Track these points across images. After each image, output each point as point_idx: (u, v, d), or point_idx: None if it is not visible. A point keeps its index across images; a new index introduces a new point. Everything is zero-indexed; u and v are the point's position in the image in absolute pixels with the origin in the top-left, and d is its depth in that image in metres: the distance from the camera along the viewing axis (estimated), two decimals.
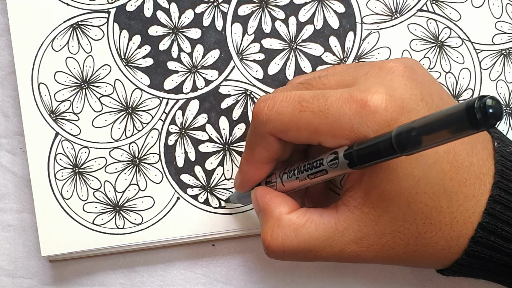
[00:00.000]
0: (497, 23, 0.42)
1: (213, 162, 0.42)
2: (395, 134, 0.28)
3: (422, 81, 0.34)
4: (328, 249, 0.34)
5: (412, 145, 0.27)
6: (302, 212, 0.35)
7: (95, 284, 0.44)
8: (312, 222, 0.34)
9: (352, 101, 0.32)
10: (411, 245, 0.34)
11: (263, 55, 0.42)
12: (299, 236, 0.34)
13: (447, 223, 0.33)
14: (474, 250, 0.34)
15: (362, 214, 0.33)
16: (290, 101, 0.34)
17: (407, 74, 0.33)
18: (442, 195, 0.33)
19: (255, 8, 0.42)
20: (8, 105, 0.44)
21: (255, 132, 0.36)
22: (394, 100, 0.31)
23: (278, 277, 0.43)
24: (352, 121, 0.31)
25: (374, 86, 0.32)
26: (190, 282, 0.43)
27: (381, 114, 0.31)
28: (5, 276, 0.44)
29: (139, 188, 0.42)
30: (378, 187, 0.32)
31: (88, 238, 0.42)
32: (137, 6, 0.43)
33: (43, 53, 0.42)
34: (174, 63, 0.42)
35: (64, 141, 0.42)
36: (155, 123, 0.42)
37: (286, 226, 0.35)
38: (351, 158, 0.31)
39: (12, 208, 0.44)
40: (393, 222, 0.33)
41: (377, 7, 0.42)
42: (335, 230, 0.34)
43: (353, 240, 0.34)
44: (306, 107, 0.33)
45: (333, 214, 0.34)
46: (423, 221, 0.33)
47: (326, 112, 0.32)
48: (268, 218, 0.36)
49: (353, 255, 0.34)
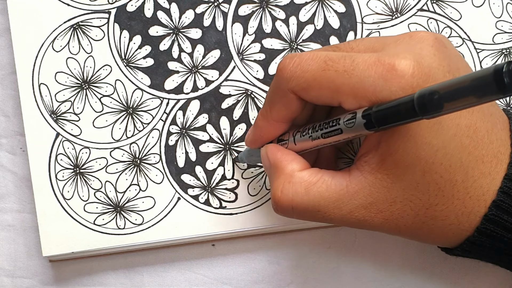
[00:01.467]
0: (498, 23, 0.42)
1: (214, 162, 0.42)
2: (418, 96, 0.27)
3: (450, 55, 0.33)
4: (337, 210, 0.34)
5: (434, 108, 0.26)
6: (314, 171, 0.35)
7: (95, 284, 0.44)
8: (323, 182, 0.34)
9: (379, 64, 0.31)
10: (421, 215, 0.34)
11: (263, 55, 0.42)
12: (309, 194, 0.34)
13: (460, 197, 0.33)
14: (486, 227, 0.34)
15: (375, 180, 0.33)
16: (316, 59, 0.33)
17: (436, 45, 0.33)
18: (458, 169, 0.32)
19: (256, 8, 0.42)
20: (9, 105, 0.44)
21: (277, 88, 0.35)
22: (422, 67, 0.31)
23: (278, 277, 0.43)
24: (376, 83, 0.31)
25: (403, 52, 0.32)
26: (190, 282, 0.43)
27: (407, 79, 0.31)
28: (5, 276, 0.44)
29: (140, 188, 0.42)
30: (395, 154, 0.32)
31: (89, 238, 0.42)
32: (137, 7, 0.43)
33: (43, 54, 0.42)
34: (175, 63, 0.42)
35: (65, 141, 0.42)
36: (155, 123, 0.42)
37: (298, 183, 0.35)
38: (369, 119, 0.31)
39: (13, 208, 0.44)
40: (405, 190, 0.33)
41: (378, 7, 0.42)
42: (346, 192, 0.34)
43: (362, 204, 0.34)
44: (331, 66, 0.33)
45: (346, 177, 0.34)
46: (435, 193, 0.33)
47: (350, 72, 0.32)
48: (279, 174, 0.36)
49: (361, 220, 0.34)
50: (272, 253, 0.43)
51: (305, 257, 0.43)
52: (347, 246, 0.43)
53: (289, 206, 0.35)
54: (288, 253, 0.43)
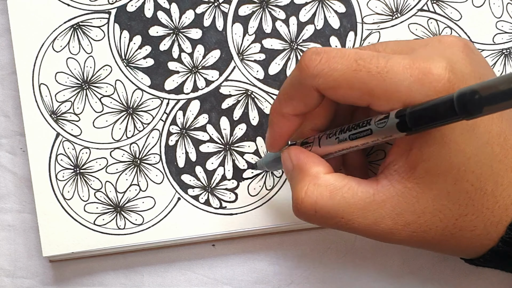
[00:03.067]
0: (498, 23, 0.42)
1: (214, 163, 0.42)
2: (458, 95, 0.26)
3: (479, 61, 0.33)
4: (361, 219, 0.33)
5: (475, 108, 0.25)
6: (340, 176, 0.34)
7: (95, 284, 0.44)
8: (350, 188, 0.33)
9: (414, 68, 0.30)
10: (450, 227, 0.33)
11: (263, 55, 0.42)
12: (334, 199, 0.33)
13: (489, 207, 0.32)
14: (511, 237, 0.33)
15: (405, 189, 0.32)
16: (346, 57, 0.32)
17: (466, 51, 0.33)
18: (489, 177, 0.32)
19: (256, 8, 0.42)
20: (9, 105, 0.44)
21: (298, 84, 0.33)
22: (456, 73, 0.30)
23: (278, 277, 0.43)
24: (411, 87, 0.30)
25: (436, 56, 0.31)
26: (190, 282, 0.43)
27: (444, 84, 0.30)
28: (5, 276, 0.44)
29: (140, 188, 0.42)
30: (427, 161, 0.31)
31: (89, 238, 0.42)
32: (137, 7, 0.43)
33: (44, 54, 0.42)
34: (175, 63, 0.42)
35: (65, 141, 0.42)
36: (156, 124, 0.42)
37: (323, 186, 0.33)
38: (403, 120, 0.29)
39: (13, 208, 0.44)
40: (435, 200, 0.32)
41: (378, 7, 0.42)
42: (372, 200, 0.32)
43: (389, 215, 0.32)
44: (363, 66, 0.31)
45: (373, 185, 0.33)
46: (466, 202, 0.32)
47: (384, 74, 0.31)
48: (304, 175, 0.34)
49: (386, 231, 0.33)
50: (272, 253, 0.43)
51: (305, 257, 0.43)
52: (347, 246, 0.43)
53: (312, 209, 0.33)
54: (288, 253, 0.43)
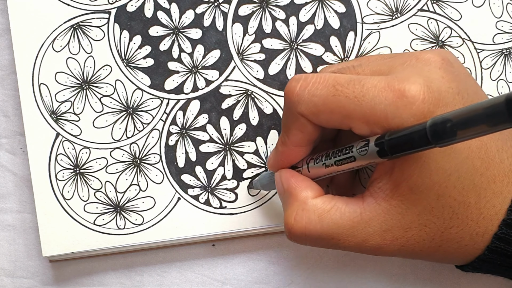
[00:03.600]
0: (498, 23, 0.42)
1: (214, 162, 0.42)
2: (430, 124, 0.27)
3: (458, 75, 0.33)
4: (351, 238, 0.34)
5: (447, 137, 0.26)
6: (328, 198, 0.35)
7: (95, 284, 0.44)
8: (337, 209, 0.34)
9: (389, 90, 0.31)
10: (437, 239, 0.34)
11: (263, 55, 0.42)
12: (323, 222, 0.34)
13: (474, 218, 0.33)
14: (496, 246, 0.34)
15: (389, 206, 0.33)
16: (324, 84, 0.33)
17: (444, 67, 0.33)
18: (471, 191, 0.33)
19: (256, 8, 0.42)
20: (9, 105, 0.44)
21: (288, 113, 0.35)
22: (432, 92, 0.31)
23: (278, 277, 0.43)
24: (387, 110, 0.31)
25: (412, 76, 0.32)
26: (190, 282, 0.43)
27: (418, 105, 0.31)
28: (5, 276, 0.44)
29: (140, 188, 0.42)
30: (409, 180, 0.32)
31: (89, 238, 0.42)
32: (137, 7, 0.43)
33: (43, 54, 0.42)
34: (175, 63, 0.42)
35: (65, 141, 0.42)
36: (155, 124, 0.42)
37: (311, 211, 0.34)
38: (382, 147, 0.31)
39: (13, 208, 0.44)
40: (420, 215, 0.33)
41: (378, 7, 0.42)
42: (360, 220, 0.33)
43: (377, 232, 0.33)
44: (340, 91, 0.32)
45: (359, 204, 0.34)
46: (450, 216, 0.33)
47: (361, 98, 0.32)
48: (293, 201, 0.35)
49: (376, 247, 0.34)
50: (272, 253, 0.43)
51: (305, 257, 0.43)
52: None
53: (303, 234, 0.35)
54: (288, 253, 0.43)
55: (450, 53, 0.35)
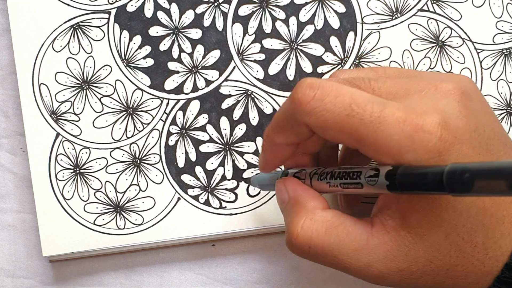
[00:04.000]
0: (498, 23, 0.42)
1: (214, 163, 0.42)
2: (449, 171, 0.26)
3: (476, 109, 0.32)
4: (354, 261, 0.33)
5: (463, 188, 0.25)
6: (337, 213, 0.33)
7: (95, 284, 0.44)
8: (345, 227, 0.33)
9: (407, 123, 0.30)
10: (441, 276, 0.33)
11: (263, 55, 0.42)
12: (330, 237, 0.33)
13: (480, 258, 0.32)
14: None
15: (398, 237, 0.32)
16: (340, 99, 0.31)
17: (463, 101, 0.32)
18: (480, 231, 0.32)
19: (256, 8, 0.42)
20: (9, 105, 0.44)
21: (290, 116, 0.33)
22: (449, 129, 0.30)
23: (278, 277, 0.43)
24: (402, 142, 0.29)
25: (430, 109, 0.30)
26: (190, 282, 0.43)
27: (435, 143, 0.29)
28: (5, 276, 0.44)
29: (140, 188, 0.42)
30: (418, 213, 0.31)
31: (89, 238, 0.42)
32: (137, 7, 0.43)
33: (43, 54, 0.42)
34: (175, 63, 0.42)
35: (65, 141, 0.42)
36: (155, 124, 0.42)
37: (320, 222, 0.33)
38: (392, 181, 0.29)
39: (13, 208, 0.44)
40: (427, 251, 0.32)
41: (378, 7, 0.42)
42: (366, 244, 0.32)
43: (381, 260, 0.32)
44: (356, 112, 0.30)
45: (368, 228, 0.33)
46: (456, 254, 0.32)
47: (377, 125, 0.30)
48: (300, 209, 0.34)
49: (378, 275, 0.33)
50: (272, 253, 0.43)
51: None
52: None
53: (307, 245, 0.33)
54: (288, 253, 0.43)
55: (470, 81, 0.34)
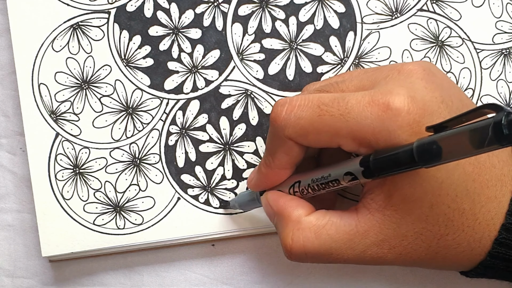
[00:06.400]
0: (498, 23, 0.42)
1: (213, 162, 0.42)
2: (417, 146, 0.28)
3: (441, 84, 0.34)
4: (349, 251, 0.34)
5: (433, 158, 0.27)
6: (321, 214, 0.35)
7: (95, 284, 0.44)
8: (332, 224, 0.34)
9: (373, 104, 0.31)
10: (433, 247, 0.34)
11: (263, 55, 0.42)
12: (320, 238, 0.34)
13: (470, 224, 0.33)
14: (498, 251, 0.34)
15: (384, 217, 0.33)
16: (309, 105, 0.33)
17: (426, 77, 0.33)
18: (464, 197, 0.33)
19: (255, 8, 0.42)
20: (8, 105, 0.44)
21: (274, 137, 0.35)
22: (416, 102, 0.31)
23: (278, 277, 0.43)
24: (373, 124, 0.31)
25: (395, 88, 0.32)
26: (190, 282, 0.43)
27: (404, 117, 0.31)
28: (5, 276, 0.44)
29: (140, 188, 0.42)
30: (401, 190, 0.32)
31: (89, 238, 0.42)
32: (137, 7, 0.43)
33: (43, 54, 0.42)
34: (175, 63, 0.42)
35: (64, 141, 0.42)
36: (155, 123, 0.42)
37: (306, 229, 0.34)
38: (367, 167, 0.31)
39: (12, 208, 0.44)
40: (415, 224, 0.33)
41: (378, 7, 0.42)
42: (356, 232, 0.34)
43: (374, 243, 0.33)
44: (325, 110, 0.33)
45: (354, 217, 0.34)
46: (445, 223, 0.33)
47: (346, 115, 0.32)
48: (287, 221, 0.35)
49: (374, 257, 0.34)
50: (272, 253, 0.43)
51: None
52: None
53: (302, 253, 0.35)
54: None
55: (431, 63, 0.35)
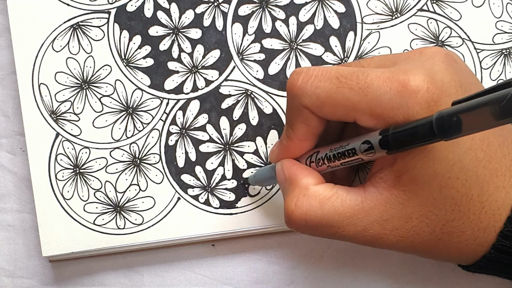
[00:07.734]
0: (498, 23, 0.42)
1: (213, 162, 0.42)
2: (437, 118, 0.27)
3: (461, 70, 0.34)
4: (351, 226, 0.34)
5: (453, 130, 0.26)
6: (329, 186, 0.35)
7: (95, 284, 0.44)
8: (338, 197, 0.34)
9: (393, 81, 0.31)
10: (437, 232, 0.33)
11: (263, 55, 0.42)
12: (324, 208, 0.34)
13: (476, 212, 0.33)
14: (503, 244, 0.33)
15: (391, 196, 0.33)
16: (327, 76, 0.33)
17: (447, 61, 0.33)
18: (474, 183, 0.32)
19: (256, 8, 0.42)
20: (9, 105, 0.44)
21: (291, 106, 0.35)
22: (435, 82, 0.31)
23: (278, 277, 0.43)
24: (392, 100, 0.31)
25: (415, 68, 0.32)
26: (190, 282, 0.43)
27: (423, 95, 0.31)
28: (5, 276, 0.44)
29: (140, 188, 0.42)
30: (412, 170, 0.32)
31: (89, 238, 0.42)
32: (137, 7, 0.43)
33: (43, 54, 0.42)
34: (175, 63, 0.42)
35: (64, 141, 0.42)
36: (155, 123, 0.42)
37: (312, 197, 0.34)
38: (386, 141, 0.31)
39: (12, 208, 0.44)
40: (422, 206, 0.33)
41: (378, 7, 0.42)
42: (360, 208, 0.33)
43: (377, 221, 0.33)
44: (344, 83, 0.32)
45: (361, 193, 0.34)
46: (452, 208, 0.33)
47: (366, 89, 0.32)
48: (294, 187, 0.35)
49: (375, 237, 0.34)
50: (272, 253, 0.43)
51: (305, 257, 0.43)
52: (347, 246, 0.43)
53: (303, 220, 0.34)
54: (288, 253, 0.43)
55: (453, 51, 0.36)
